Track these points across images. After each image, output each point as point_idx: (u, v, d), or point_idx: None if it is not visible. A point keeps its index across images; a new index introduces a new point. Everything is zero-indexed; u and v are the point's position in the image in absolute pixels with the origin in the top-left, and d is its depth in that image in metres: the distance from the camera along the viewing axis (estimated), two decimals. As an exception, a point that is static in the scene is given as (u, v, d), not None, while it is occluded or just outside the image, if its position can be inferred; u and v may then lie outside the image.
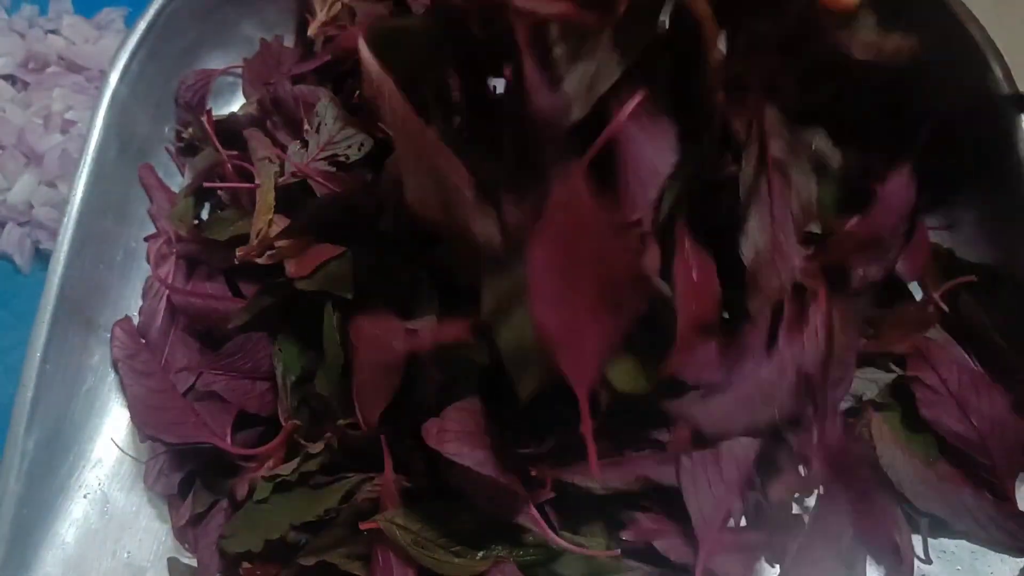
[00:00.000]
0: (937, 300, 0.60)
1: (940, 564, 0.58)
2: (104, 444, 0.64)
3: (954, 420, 0.58)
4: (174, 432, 0.59)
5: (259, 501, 0.55)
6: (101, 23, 0.83)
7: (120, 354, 0.64)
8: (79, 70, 0.80)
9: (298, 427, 0.57)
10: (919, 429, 0.59)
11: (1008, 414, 0.58)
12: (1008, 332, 0.58)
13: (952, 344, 0.60)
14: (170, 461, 0.61)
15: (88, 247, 0.64)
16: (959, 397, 0.58)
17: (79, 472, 0.63)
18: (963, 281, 0.60)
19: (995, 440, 0.57)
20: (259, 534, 0.54)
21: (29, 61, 0.81)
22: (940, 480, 0.57)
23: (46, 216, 0.75)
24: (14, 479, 0.58)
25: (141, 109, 0.69)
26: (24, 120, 0.77)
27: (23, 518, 0.59)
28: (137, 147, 0.69)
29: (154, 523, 0.62)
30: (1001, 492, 0.57)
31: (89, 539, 0.61)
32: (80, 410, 0.63)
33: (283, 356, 0.58)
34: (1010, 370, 0.58)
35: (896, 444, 0.57)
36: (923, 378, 0.58)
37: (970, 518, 0.56)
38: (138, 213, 0.69)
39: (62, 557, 0.60)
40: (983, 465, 0.57)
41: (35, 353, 0.60)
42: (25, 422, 0.59)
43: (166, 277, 0.65)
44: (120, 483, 0.63)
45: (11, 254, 0.75)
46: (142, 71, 0.68)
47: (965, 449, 0.58)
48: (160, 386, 0.61)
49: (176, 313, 0.64)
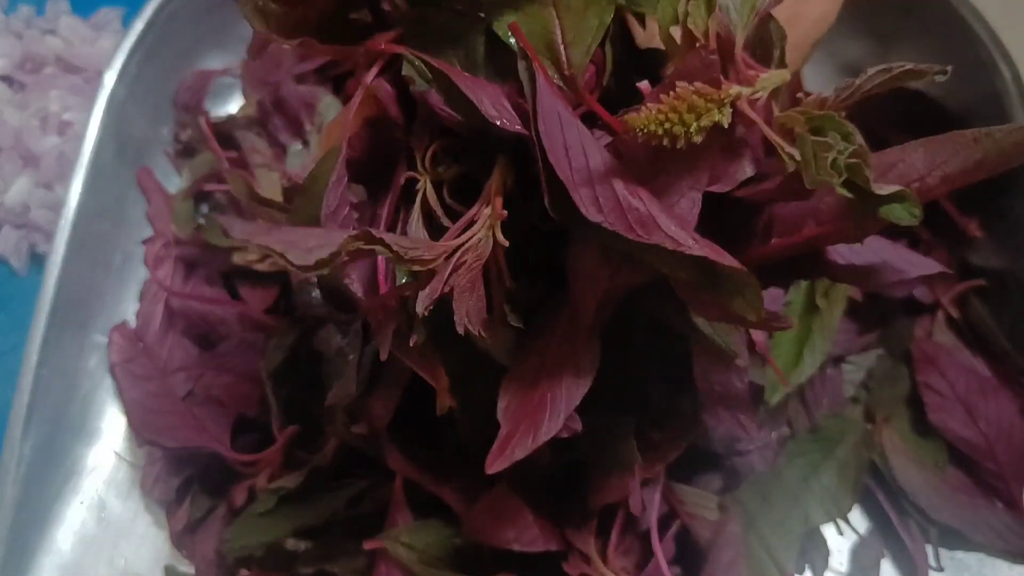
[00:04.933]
0: (946, 305, 0.60)
1: (950, 571, 0.58)
2: (101, 449, 0.63)
3: (962, 425, 0.58)
4: (172, 436, 0.58)
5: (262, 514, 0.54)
6: (98, 23, 0.82)
7: (117, 358, 0.63)
8: (76, 71, 0.80)
9: (297, 433, 0.56)
10: (928, 435, 0.58)
11: (1016, 419, 0.57)
12: (1016, 337, 0.58)
13: (960, 349, 0.60)
14: (167, 466, 0.60)
15: (85, 250, 0.63)
16: (967, 402, 0.58)
17: (76, 478, 0.62)
18: (972, 286, 0.60)
19: (1003, 445, 0.57)
20: (261, 538, 0.54)
21: (26, 62, 0.80)
22: (952, 491, 0.57)
23: (43, 218, 0.74)
24: (10, 485, 0.57)
25: (138, 110, 0.68)
26: (21, 121, 0.76)
27: (19, 524, 0.58)
28: (134, 149, 0.69)
29: (151, 530, 0.61)
30: (1009, 498, 0.57)
31: (86, 546, 0.60)
32: (77, 415, 0.63)
33: (270, 366, 0.57)
34: (1018, 375, 0.58)
35: (906, 454, 0.57)
36: (931, 383, 0.58)
37: (986, 528, 0.56)
38: (135, 216, 0.68)
39: (59, 564, 0.60)
40: (991, 471, 0.57)
41: (31, 357, 0.59)
42: (21, 427, 0.58)
43: (165, 280, 0.65)
44: (117, 489, 0.62)
45: (7, 257, 0.75)
46: (139, 72, 0.67)
47: (973, 455, 0.57)
48: (158, 390, 0.61)
49: (174, 316, 0.64)
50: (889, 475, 0.57)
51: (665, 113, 0.30)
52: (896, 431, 0.58)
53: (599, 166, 0.32)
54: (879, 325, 0.61)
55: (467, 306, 0.34)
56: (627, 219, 0.32)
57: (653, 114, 0.30)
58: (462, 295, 0.34)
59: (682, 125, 0.30)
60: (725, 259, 0.31)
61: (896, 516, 0.58)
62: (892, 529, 0.58)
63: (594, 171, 0.32)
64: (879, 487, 0.58)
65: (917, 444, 0.58)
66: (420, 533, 0.50)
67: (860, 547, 0.59)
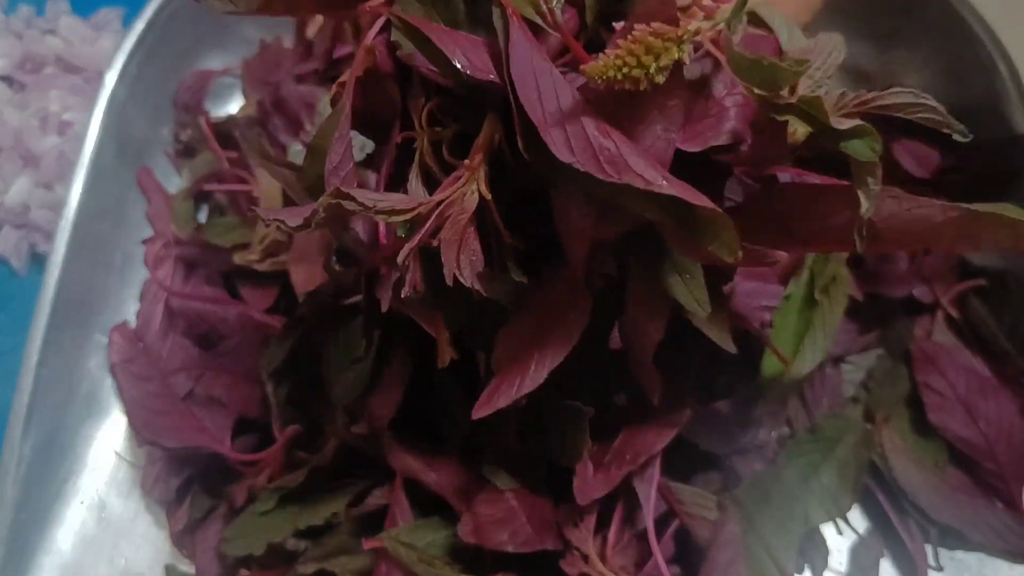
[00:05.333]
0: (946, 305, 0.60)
1: (949, 571, 0.58)
2: (101, 449, 0.63)
3: (962, 425, 0.58)
4: (172, 436, 0.58)
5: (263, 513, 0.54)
6: (98, 23, 0.82)
7: (117, 358, 0.63)
8: (76, 71, 0.80)
9: (297, 433, 0.56)
10: (928, 435, 0.58)
11: (1016, 419, 0.57)
12: (1016, 337, 0.58)
13: (960, 349, 0.60)
14: (168, 466, 0.60)
15: (85, 250, 0.63)
16: (967, 402, 0.58)
17: (76, 478, 0.62)
18: (972, 285, 0.60)
19: (1003, 445, 0.57)
20: (261, 537, 0.54)
21: (26, 62, 0.80)
22: (952, 490, 0.57)
23: (43, 218, 0.74)
24: (10, 485, 0.57)
25: (139, 110, 0.68)
26: (21, 121, 0.76)
27: (19, 524, 0.58)
28: (135, 149, 0.69)
29: (151, 530, 0.61)
30: (1009, 498, 0.57)
31: (86, 546, 0.60)
32: (77, 415, 0.63)
33: (270, 366, 0.57)
34: (1018, 375, 0.58)
35: (906, 454, 0.57)
36: (931, 383, 0.58)
37: (986, 528, 0.56)
38: (135, 216, 0.68)
39: (59, 563, 0.60)
40: (991, 471, 0.57)
41: (31, 357, 0.59)
42: (21, 427, 0.58)
43: (165, 280, 0.65)
44: (117, 489, 0.62)
45: (7, 257, 0.75)
46: (140, 72, 0.67)
47: (972, 455, 0.57)
48: (158, 390, 0.61)
49: (174, 316, 0.64)
50: (889, 475, 0.57)
51: (623, 58, 0.30)
52: (896, 431, 0.58)
53: (570, 107, 0.32)
54: (879, 325, 0.61)
55: (457, 258, 0.35)
56: (598, 160, 0.32)
57: (611, 60, 0.30)
58: (449, 248, 0.35)
59: (641, 67, 0.30)
60: (699, 199, 0.31)
61: (896, 516, 0.58)
62: (892, 529, 0.58)
63: (565, 112, 0.32)
64: (879, 487, 0.58)
65: (917, 444, 0.58)
66: (420, 532, 0.50)
67: (860, 547, 0.59)
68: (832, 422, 0.57)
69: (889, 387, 0.59)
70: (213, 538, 0.58)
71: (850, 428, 0.57)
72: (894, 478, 0.57)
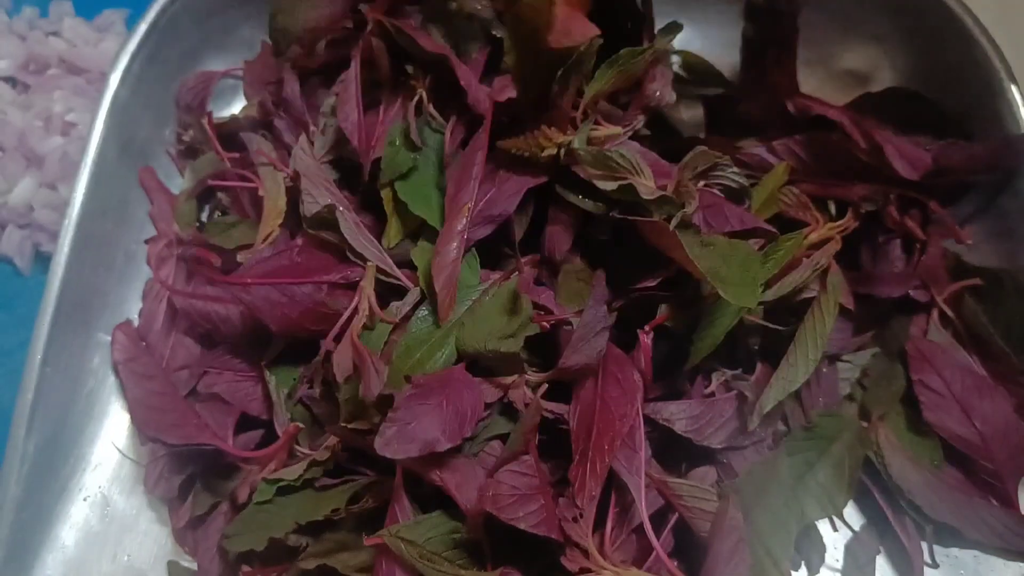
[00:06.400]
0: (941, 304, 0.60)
1: (945, 568, 0.58)
2: (104, 447, 0.63)
3: (957, 423, 0.58)
4: (175, 434, 0.59)
5: (261, 502, 0.55)
6: (102, 25, 0.83)
7: (120, 357, 0.63)
8: (80, 72, 0.80)
9: (300, 430, 0.57)
10: (923, 433, 0.58)
11: (1011, 417, 0.58)
12: (1011, 336, 0.58)
13: (956, 347, 0.60)
14: (170, 464, 0.61)
15: (88, 250, 0.64)
16: (962, 400, 0.58)
17: (79, 475, 0.63)
18: (967, 284, 0.60)
19: (998, 443, 0.57)
20: (263, 533, 0.54)
21: (30, 63, 0.81)
22: (948, 488, 0.57)
23: (47, 218, 0.74)
24: (14, 482, 0.58)
25: (142, 111, 0.69)
26: (25, 122, 0.77)
27: (23, 521, 0.58)
28: (138, 149, 0.69)
29: (154, 526, 0.62)
30: (1004, 495, 0.57)
31: (89, 542, 0.61)
32: (80, 413, 0.63)
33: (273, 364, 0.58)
34: (1013, 373, 0.58)
35: (902, 451, 0.57)
36: (926, 381, 0.58)
37: (981, 525, 0.56)
38: (138, 216, 0.69)
39: (62, 560, 0.60)
40: (986, 469, 0.57)
41: (36, 356, 0.60)
42: (25, 425, 0.59)
43: (167, 279, 0.65)
44: (120, 486, 0.63)
45: (12, 256, 0.75)
46: (143, 73, 0.68)
47: (968, 452, 0.58)
48: (161, 388, 0.61)
49: (176, 315, 0.64)
50: (885, 473, 0.57)
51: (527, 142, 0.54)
52: (892, 429, 0.58)
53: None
54: (874, 324, 0.62)
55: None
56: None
57: (519, 141, 0.54)
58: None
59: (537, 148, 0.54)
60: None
61: (892, 513, 0.58)
62: (888, 526, 0.58)
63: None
64: (875, 484, 0.58)
65: (912, 442, 0.58)
66: (420, 528, 0.50)
67: (856, 544, 0.59)
68: (828, 420, 0.57)
69: (885, 385, 0.59)
70: (215, 534, 0.58)
71: (846, 426, 0.57)
72: (890, 476, 0.57)
